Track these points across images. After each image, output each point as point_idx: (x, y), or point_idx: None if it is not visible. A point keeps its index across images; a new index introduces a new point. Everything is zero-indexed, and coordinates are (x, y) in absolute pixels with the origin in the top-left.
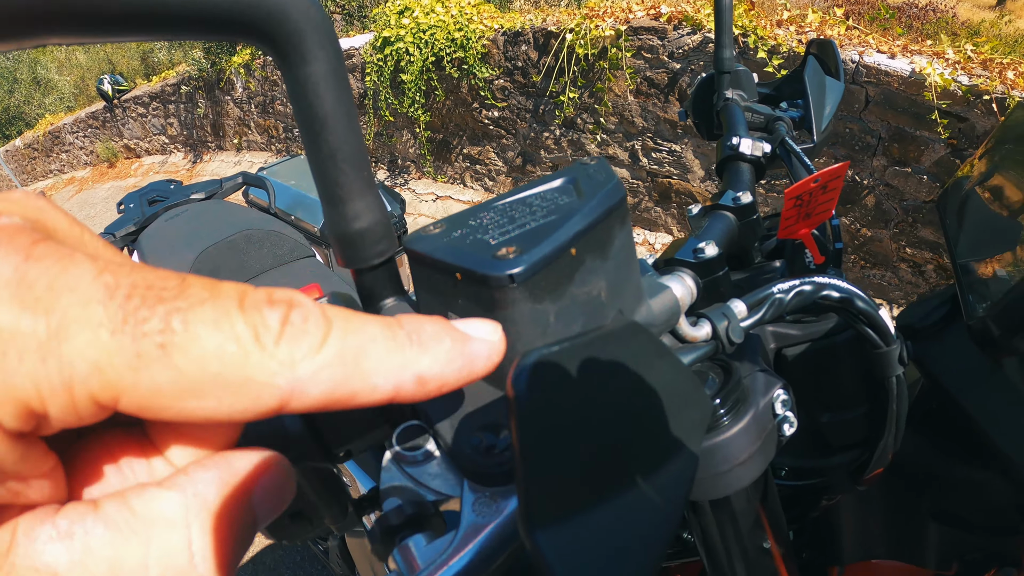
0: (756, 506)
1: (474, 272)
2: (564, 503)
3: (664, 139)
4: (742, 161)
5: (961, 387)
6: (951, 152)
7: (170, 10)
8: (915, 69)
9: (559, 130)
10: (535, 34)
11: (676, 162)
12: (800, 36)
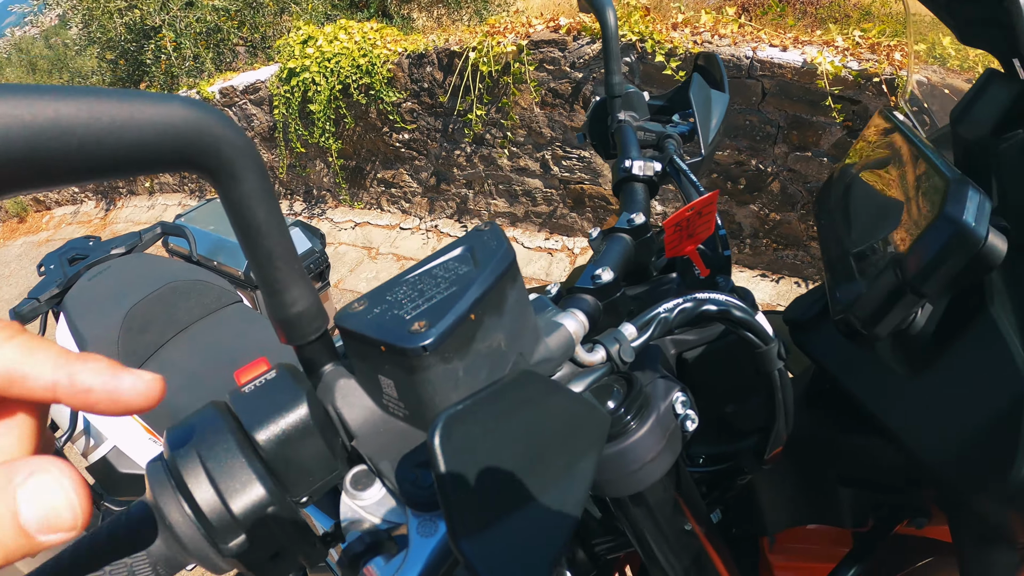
0: (672, 494)
1: (394, 345)
2: (480, 519)
3: (573, 146)
4: (636, 181)
5: (840, 369)
6: (847, 134)
7: (120, 156)
8: (807, 60)
9: (470, 147)
10: (439, 55)
11: (587, 168)
12: (695, 37)
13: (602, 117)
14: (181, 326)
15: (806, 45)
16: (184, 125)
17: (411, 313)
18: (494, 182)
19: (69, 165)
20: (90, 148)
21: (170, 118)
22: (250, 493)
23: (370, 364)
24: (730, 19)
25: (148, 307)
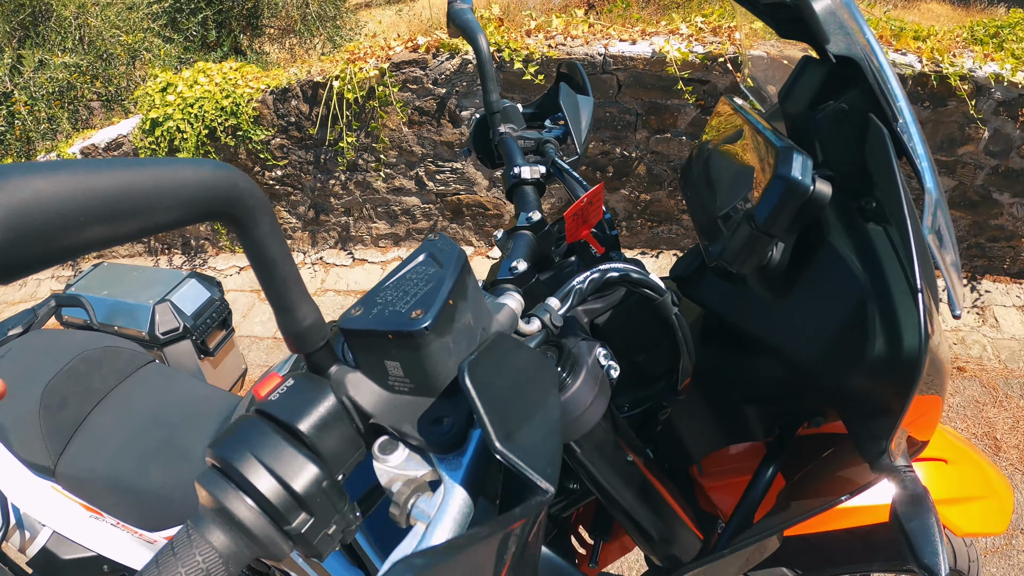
0: (612, 435)
1: (401, 331)
2: (504, 431)
3: (444, 160)
4: (526, 185)
5: (723, 308)
6: (701, 112)
7: (173, 212)
8: (655, 50)
9: (344, 175)
10: (303, 87)
11: (460, 178)
12: (549, 41)
13: (484, 132)
14: (100, 395)
15: (653, 36)
16: (217, 184)
17: (405, 307)
18: (372, 206)
19: (136, 223)
20: (151, 207)
21: (207, 179)
22: (306, 473)
23: (377, 354)
24: (580, 20)
25: (63, 382)
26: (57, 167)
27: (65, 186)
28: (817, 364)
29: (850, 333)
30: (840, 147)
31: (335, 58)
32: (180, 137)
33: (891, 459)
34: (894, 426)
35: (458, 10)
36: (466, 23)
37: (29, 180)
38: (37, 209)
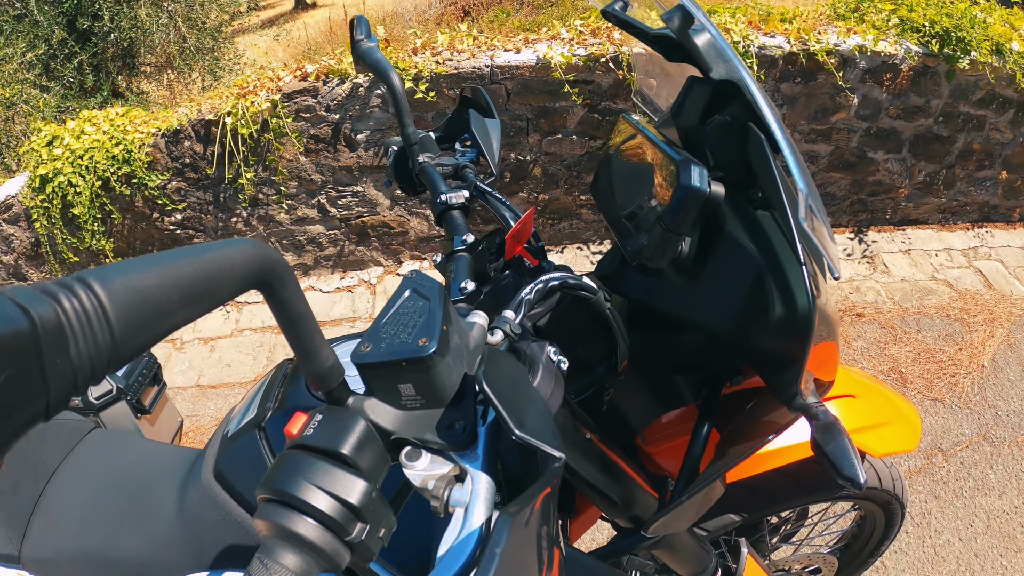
0: (570, 419)
1: (414, 357)
2: (517, 419)
3: (344, 185)
4: (453, 210)
5: (646, 296)
6: (588, 111)
7: (224, 293)
8: (540, 56)
9: (246, 211)
10: (195, 127)
11: (362, 201)
12: (436, 58)
13: (403, 162)
14: (50, 471)
15: (536, 43)
16: (257, 259)
17: (410, 337)
18: (278, 238)
19: (207, 302)
20: (216, 286)
21: (250, 257)
22: (358, 487)
23: (390, 380)
24: (465, 34)
25: (9, 465)
26: (145, 264)
27: (156, 279)
28: (732, 332)
29: (754, 302)
30: (727, 151)
31: (225, 93)
32: (73, 191)
33: (803, 398)
34: (800, 372)
35: (365, 50)
36: (376, 62)
37: (129, 278)
38: (141, 302)
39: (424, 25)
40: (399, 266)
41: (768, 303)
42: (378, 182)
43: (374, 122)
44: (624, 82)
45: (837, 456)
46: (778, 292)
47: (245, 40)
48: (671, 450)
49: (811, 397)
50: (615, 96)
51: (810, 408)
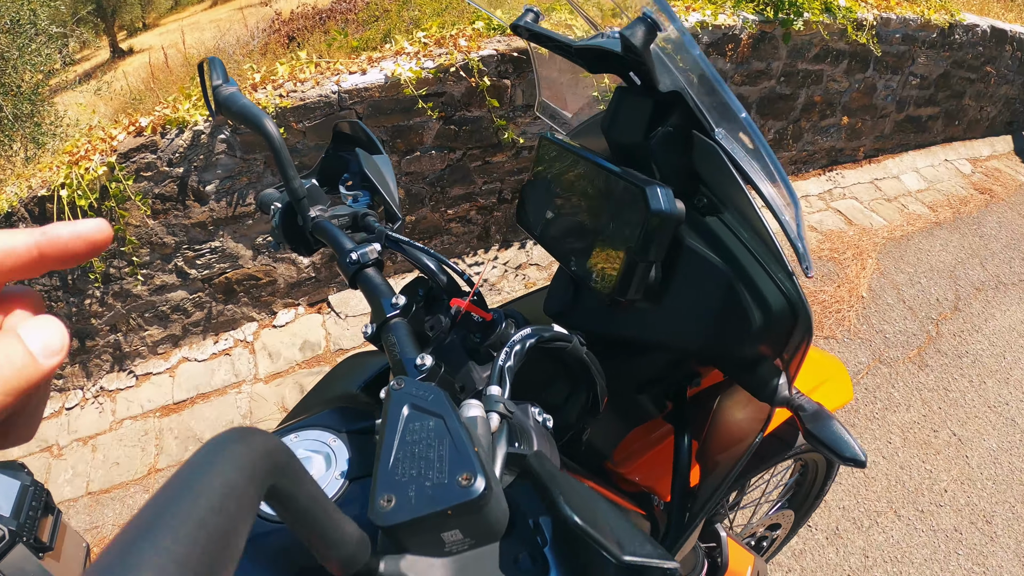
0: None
1: (461, 504)
2: (613, 539)
3: (200, 243)
4: (367, 267)
5: (604, 327)
6: (443, 123)
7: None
8: (387, 74)
9: (99, 290)
10: (27, 206)
11: (223, 256)
12: (279, 91)
13: (291, 220)
14: None
15: (382, 61)
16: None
17: (442, 475)
18: (139, 313)
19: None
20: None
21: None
22: None
23: (432, 532)
24: (306, 62)
25: None
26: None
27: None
28: (706, 345)
29: (729, 312)
30: (671, 162)
31: (55, 163)
32: None
33: (782, 392)
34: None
35: (227, 96)
36: (243, 109)
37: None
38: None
39: (250, 57)
40: (273, 318)
41: (744, 310)
42: (236, 233)
43: (222, 170)
44: (476, 89)
45: (835, 442)
46: (751, 297)
47: (65, 99)
48: (643, 464)
49: (791, 389)
50: (469, 105)
51: (793, 400)
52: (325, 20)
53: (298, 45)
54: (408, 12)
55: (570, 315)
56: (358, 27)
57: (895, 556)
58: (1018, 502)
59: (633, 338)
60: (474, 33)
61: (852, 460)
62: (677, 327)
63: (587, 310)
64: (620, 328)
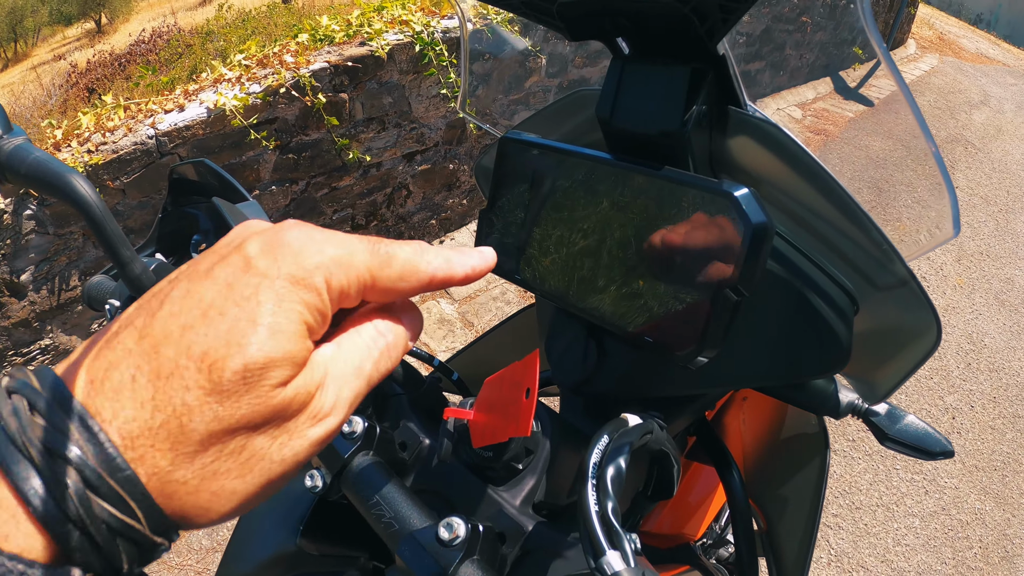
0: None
1: None
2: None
3: (27, 343)
4: None
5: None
6: (280, 152)
7: None
8: (209, 107)
9: None
10: None
11: (57, 355)
12: (87, 147)
13: None
14: None
15: (200, 93)
16: None
17: None
18: None
19: None
20: None
21: None
22: None
23: None
24: (113, 107)
25: None
26: None
27: None
28: (788, 376)
29: (803, 329)
30: (703, 151)
31: None
32: None
33: (845, 401)
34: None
35: (13, 151)
36: (37, 167)
37: None
38: None
39: (51, 116)
40: None
41: (826, 321)
42: (67, 325)
43: (36, 253)
44: (312, 108)
45: (922, 441)
46: (828, 306)
47: None
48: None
49: (850, 394)
50: (305, 128)
51: (858, 407)
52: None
53: (99, 96)
54: (212, 44)
55: (593, 380)
56: (161, 67)
57: (843, 489)
58: (932, 407)
59: (686, 394)
60: (300, 47)
61: (943, 454)
62: (744, 367)
63: (616, 371)
64: (669, 387)
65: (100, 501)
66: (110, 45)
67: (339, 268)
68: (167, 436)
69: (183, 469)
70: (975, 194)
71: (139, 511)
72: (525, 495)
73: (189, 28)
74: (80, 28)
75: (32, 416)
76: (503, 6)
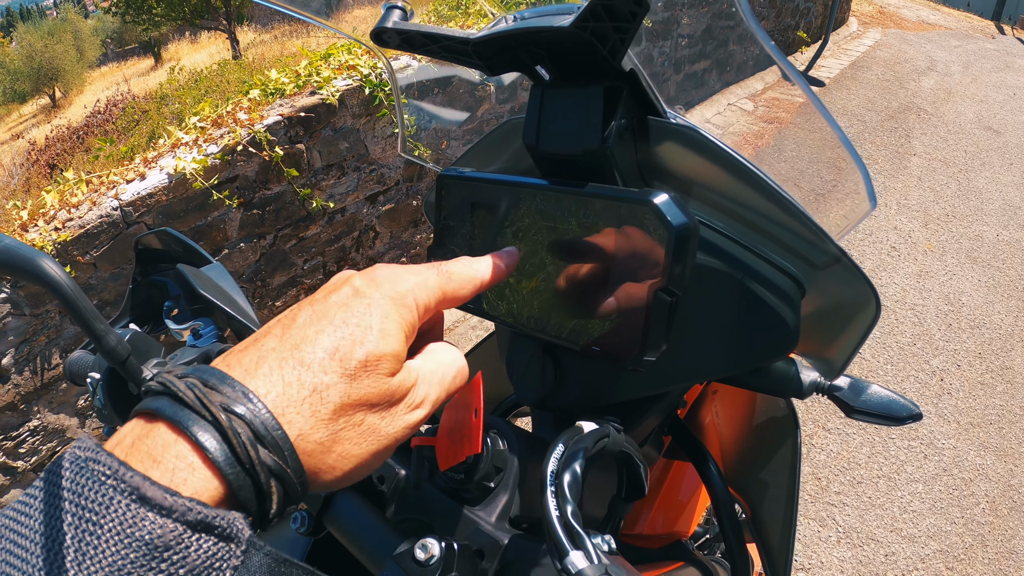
0: None
1: None
2: None
3: (15, 427)
4: None
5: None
6: (245, 209)
7: None
8: (169, 173)
9: None
10: None
11: (48, 434)
12: (53, 224)
13: (120, 391)
14: None
15: (160, 160)
16: None
17: None
18: None
19: None
20: None
21: None
22: None
23: None
24: (74, 182)
25: None
26: None
27: None
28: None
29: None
30: (628, 163)
31: None
32: None
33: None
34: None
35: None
36: (8, 253)
37: None
38: None
39: (14, 197)
40: None
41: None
42: (53, 404)
43: (14, 335)
44: (271, 163)
45: (888, 408)
46: (771, 292)
47: None
48: (657, 513)
49: (811, 373)
50: (267, 182)
51: (822, 385)
52: (83, 137)
53: (60, 172)
54: (168, 107)
55: (558, 395)
56: (119, 136)
57: (842, 466)
58: (919, 372)
59: (636, 395)
60: (252, 104)
61: (910, 418)
62: (698, 362)
63: (577, 383)
64: (629, 390)
65: (264, 449)
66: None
67: (421, 290)
68: (309, 406)
69: (319, 432)
70: (934, 158)
71: (288, 460)
72: (500, 511)
73: (143, 94)
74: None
75: (206, 389)
76: (422, 52)
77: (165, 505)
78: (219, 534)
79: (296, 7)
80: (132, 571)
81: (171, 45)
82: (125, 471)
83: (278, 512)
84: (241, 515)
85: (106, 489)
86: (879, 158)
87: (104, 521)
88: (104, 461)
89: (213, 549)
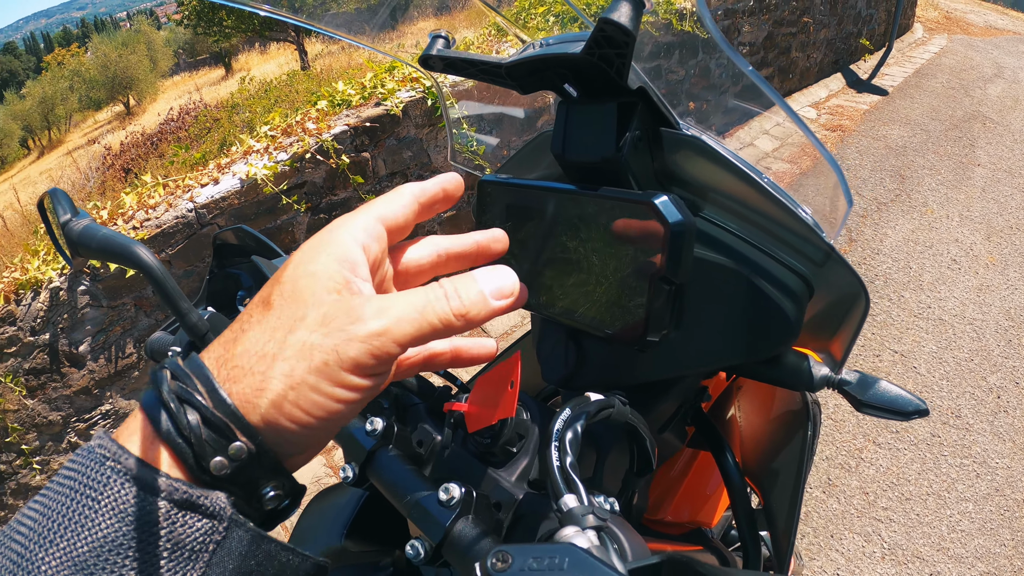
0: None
1: None
2: None
3: (89, 410)
4: None
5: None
6: (312, 214)
7: None
8: (243, 178)
9: None
10: None
11: (117, 419)
12: (131, 224)
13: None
14: None
15: (232, 166)
16: None
17: None
18: None
19: None
20: None
21: None
22: None
23: None
24: (152, 185)
25: None
26: None
27: None
28: (745, 354)
29: (761, 311)
30: (644, 169)
31: None
32: None
33: (819, 374)
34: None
35: (83, 231)
36: (106, 241)
37: None
38: None
39: (91, 198)
40: None
41: (775, 303)
42: (125, 390)
43: (92, 325)
44: (337, 170)
45: (895, 403)
46: (774, 288)
47: None
48: (680, 502)
49: (822, 368)
50: (333, 188)
51: (832, 379)
52: (157, 144)
53: (135, 176)
54: (239, 116)
55: (579, 375)
56: (192, 143)
57: (891, 482)
58: (975, 388)
59: (652, 379)
60: (320, 114)
61: (916, 413)
62: (704, 350)
63: (596, 366)
64: (642, 373)
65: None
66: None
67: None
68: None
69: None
70: (999, 168)
71: (233, 425)
72: (519, 473)
73: (215, 103)
74: (110, 111)
75: (172, 382)
76: (464, 75)
77: (155, 485)
78: (204, 512)
79: (355, 36)
80: (124, 543)
81: (241, 56)
82: (122, 454)
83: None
84: (224, 494)
85: (105, 469)
86: (942, 168)
87: (101, 497)
88: (107, 445)
89: (198, 525)
